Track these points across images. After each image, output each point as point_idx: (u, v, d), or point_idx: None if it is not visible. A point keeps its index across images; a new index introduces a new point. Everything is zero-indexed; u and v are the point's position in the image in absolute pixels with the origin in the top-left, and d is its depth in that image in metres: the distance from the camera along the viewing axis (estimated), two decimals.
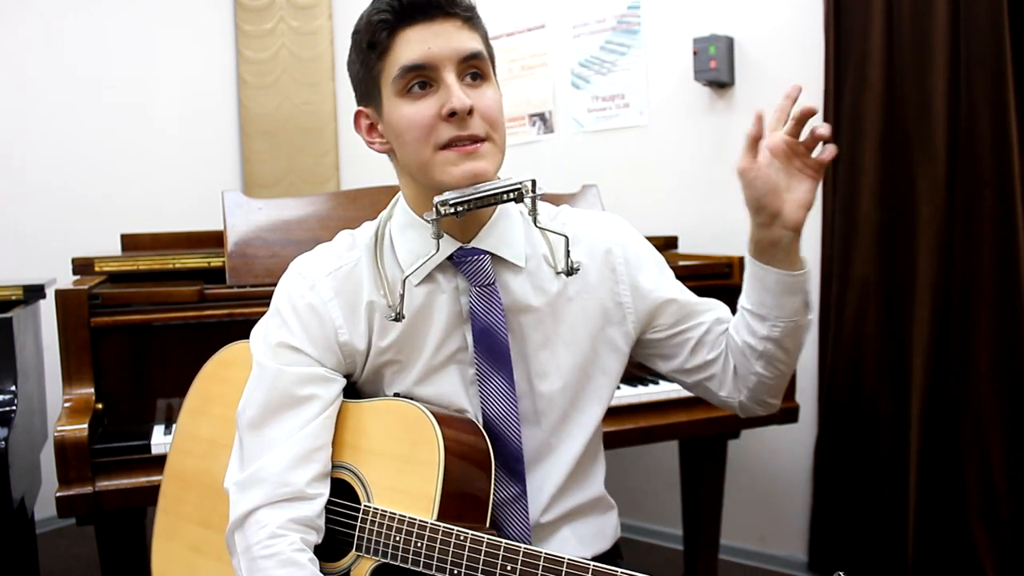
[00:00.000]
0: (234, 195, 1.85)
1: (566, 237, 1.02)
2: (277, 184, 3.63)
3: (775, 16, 2.49)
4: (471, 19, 0.99)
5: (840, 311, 2.34)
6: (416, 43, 0.95)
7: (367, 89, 1.02)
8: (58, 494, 1.47)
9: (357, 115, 1.05)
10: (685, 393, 1.92)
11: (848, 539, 2.37)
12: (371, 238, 1.08)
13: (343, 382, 1.05)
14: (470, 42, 0.97)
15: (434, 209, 0.93)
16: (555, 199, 2.08)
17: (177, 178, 3.40)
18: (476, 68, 0.98)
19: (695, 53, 2.55)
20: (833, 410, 2.39)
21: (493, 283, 1.03)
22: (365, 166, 3.58)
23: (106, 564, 1.61)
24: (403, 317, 1.00)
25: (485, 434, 1.02)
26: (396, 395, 1.05)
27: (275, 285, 1.08)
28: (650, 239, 1.18)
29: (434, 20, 0.96)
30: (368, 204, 1.87)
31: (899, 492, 2.25)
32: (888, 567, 2.28)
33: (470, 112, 0.95)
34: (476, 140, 0.96)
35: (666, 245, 2.48)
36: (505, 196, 0.94)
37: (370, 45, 0.98)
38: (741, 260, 2.11)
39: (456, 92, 0.94)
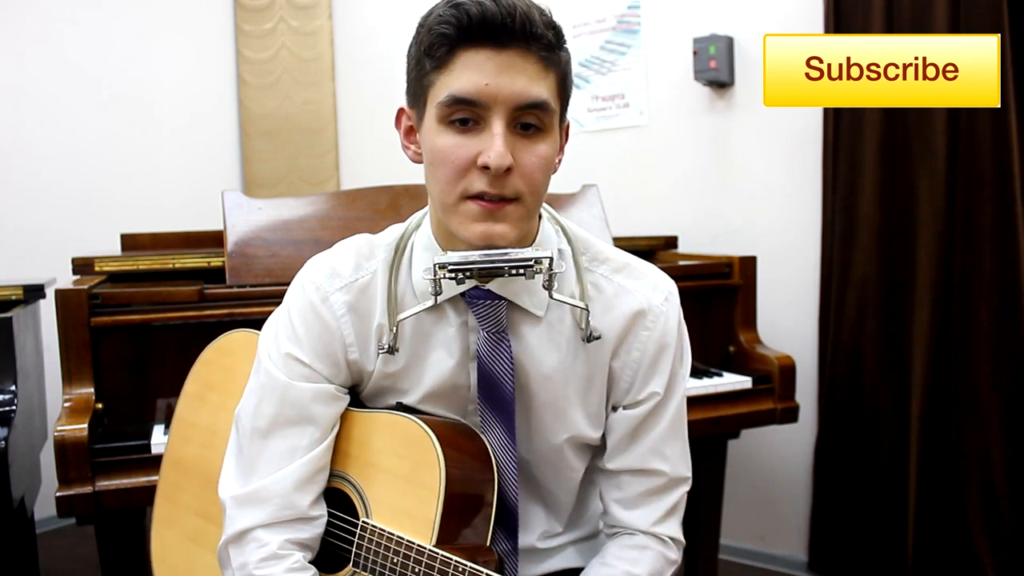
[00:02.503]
0: (234, 195, 1.85)
1: (587, 310, 0.94)
2: (277, 184, 3.62)
3: (775, 16, 2.49)
4: (549, 56, 0.85)
5: (840, 311, 2.34)
6: (474, 72, 0.83)
7: (414, 93, 0.91)
8: (58, 494, 1.47)
9: (399, 113, 0.96)
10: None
11: (848, 539, 2.37)
12: (390, 250, 0.99)
13: (348, 399, 1.01)
14: (536, 88, 0.84)
15: (432, 269, 0.87)
16: (554, 199, 2.08)
17: (177, 178, 3.39)
18: (534, 119, 0.86)
19: (695, 53, 2.55)
20: (833, 410, 2.39)
21: (505, 330, 0.94)
22: (365, 166, 3.58)
23: (106, 564, 1.61)
24: (396, 351, 0.96)
25: (489, 447, 0.99)
26: (399, 404, 1.02)
27: (275, 285, 1.07)
28: (650, 239, 1.16)
29: (504, 49, 0.83)
30: (368, 204, 1.87)
31: (899, 492, 2.25)
32: (888, 567, 2.28)
33: (508, 170, 0.84)
34: (505, 199, 0.86)
35: (666, 245, 2.48)
36: (512, 271, 0.86)
37: (427, 52, 0.86)
38: (741, 260, 2.12)
39: (497, 147, 0.83)
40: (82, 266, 1.88)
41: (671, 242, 2.51)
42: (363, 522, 0.96)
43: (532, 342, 0.97)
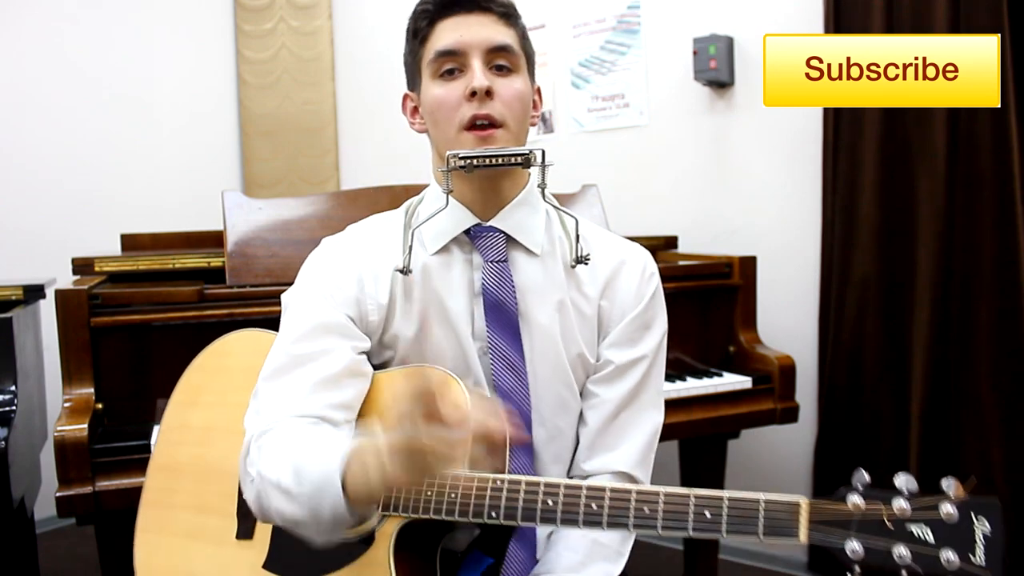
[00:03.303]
0: (234, 195, 1.85)
1: (576, 220, 1.06)
2: (277, 184, 3.62)
3: (775, 16, 2.49)
4: (507, 16, 1.06)
5: (840, 311, 2.34)
6: (450, 31, 1.03)
7: (411, 74, 1.11)
8: (58, 494, 1.47)
9: (404, 99, 1.14)
10: (684, 393, 1.93)
11: None
12: (402, 215, 1.12)
13: (368, 341, 1.05)
14: (501, 35, 1.04)
15: (447, 161, 0.99)
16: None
17: (177, 178, 3.39)
18: (504, 59, 1.05)
19: (695, 53, 2.55)
20: (833, 410, 2.39)
21: (506, 260, 1.06)
22: (365, 166, 3.58)
23: (106, 564, 1.61)
24: (410, 271, 1.03)
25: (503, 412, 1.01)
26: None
27: (275, 285, 1.08)
28: (650, 239, 1.17)
29: (470, 13, 1.04)
30: (368, 204, 1.87)
31: None
32: None
33: (489, 94, 1.01)
34: (493, 123, 1.01)
35: (666, 245, 2.49)
36: (514, 159, 1.00)
37: (414, 33, 1.08)
38: (741, 260, 2.12)
39: (477, 74, 1.01)
40: (82, 266, 1.89)
41: (671, 242, 2.52)
42: None
43: (530, 273, 1.08)
